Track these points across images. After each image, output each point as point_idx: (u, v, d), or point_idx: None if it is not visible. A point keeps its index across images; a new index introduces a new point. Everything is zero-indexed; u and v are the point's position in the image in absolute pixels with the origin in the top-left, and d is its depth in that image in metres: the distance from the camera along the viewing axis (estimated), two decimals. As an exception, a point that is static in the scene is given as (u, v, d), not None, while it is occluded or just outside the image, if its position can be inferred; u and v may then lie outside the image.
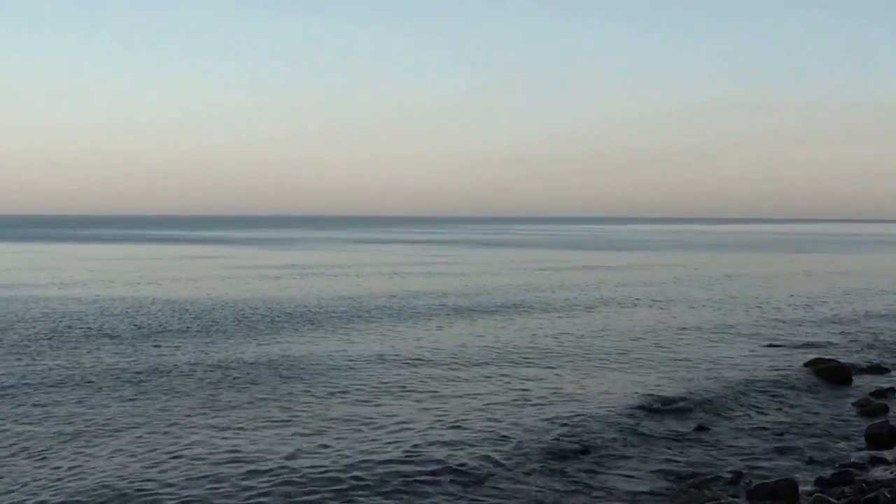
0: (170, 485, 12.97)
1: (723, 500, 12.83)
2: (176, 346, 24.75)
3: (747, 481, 13.65)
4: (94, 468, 13.66)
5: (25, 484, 12.95)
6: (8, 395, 18.42)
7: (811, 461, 14.96)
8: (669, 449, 15.41)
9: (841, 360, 23.33)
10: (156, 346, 24.63)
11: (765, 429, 16.97)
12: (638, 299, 40.18)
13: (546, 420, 16.87)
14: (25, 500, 12.35)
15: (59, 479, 13.17)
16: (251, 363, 22.29)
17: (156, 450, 14.63)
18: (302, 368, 21.71)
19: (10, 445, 14.81)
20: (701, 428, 16.80)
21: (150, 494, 12.60)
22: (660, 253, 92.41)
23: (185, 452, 14.49)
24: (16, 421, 16.33)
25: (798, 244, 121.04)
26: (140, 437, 15.44)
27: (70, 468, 13.69)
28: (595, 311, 35.37)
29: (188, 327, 28.62)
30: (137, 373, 20.83)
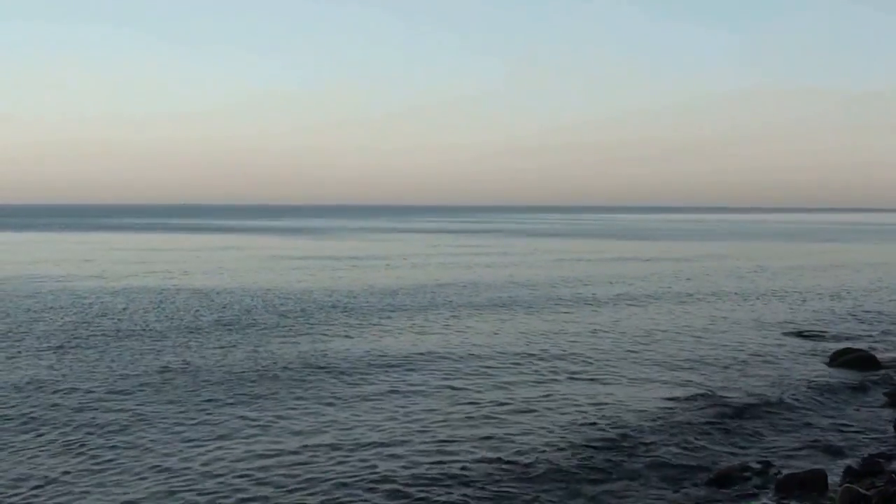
0: (213, 476, 13.20)
1: (752, 491, 12.90)
2: (224, 339, 24.91)
3: (776, 472, 13.71)
4: (136, 460, 13.93)
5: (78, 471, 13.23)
6: (45, 386, 18.67)
7: (840, 452, 14.98)
8: (699, 439, 15.46)
9: (870, 351, 23.27)
10: (198, 338, 24.79)
11: (793, 419, 16.99)
12: (669, 289, 40.15)
13: (578, 411, 16.99)
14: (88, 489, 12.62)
15: (98, 469, 13.44)
16: (298, 356, 22.42)
17: (192, 446, 14.85)
18: (349, 362, 21.73)
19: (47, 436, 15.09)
20: (730, 418, 16.83)
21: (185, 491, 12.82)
22: (689, 243, 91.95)
23: (223, 445, 14.71)
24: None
25: (827, 234, 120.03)
26: (172, 433, 15.65)
27: (110, 460, 13.96)
28: (626, 302, 35.33)
29: (232, 319, 28.84)
30: (171, 367, 21.04)
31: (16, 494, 12.40)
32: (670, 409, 17.44)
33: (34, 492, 12.52)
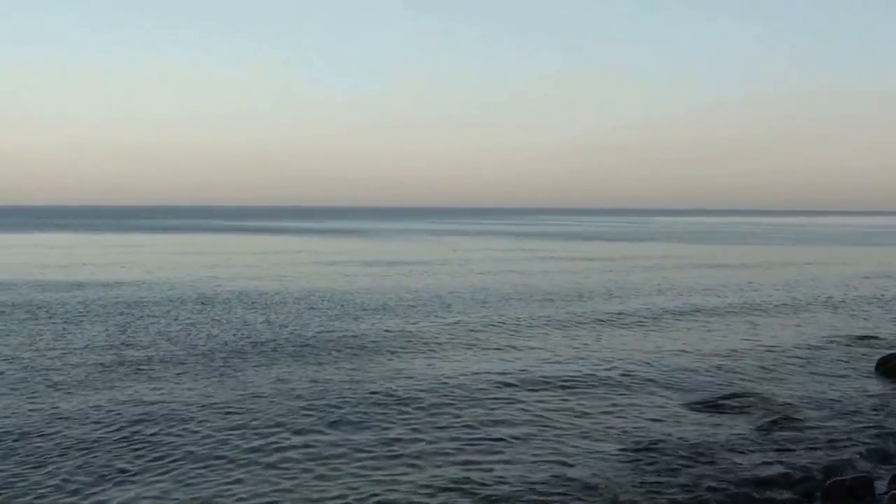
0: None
1: (797, 498, 12.72)
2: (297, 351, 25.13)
3: (822, 479, 13.50)
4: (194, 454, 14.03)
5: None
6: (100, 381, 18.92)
7: (887, 458, 14.75)
8: (741, 446, 15.29)
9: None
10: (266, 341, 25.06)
11: (838, 426, 16.74)
12: (713, 290, 39.86)
13: (608, 415, 16.88)
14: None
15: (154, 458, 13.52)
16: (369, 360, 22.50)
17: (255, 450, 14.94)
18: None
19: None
20: (772, 422, 16.65)
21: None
22: (741, 246, 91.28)
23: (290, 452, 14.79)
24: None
25: (871, 237, 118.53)
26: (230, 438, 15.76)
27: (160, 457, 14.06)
28: (667, 305, 35.17)
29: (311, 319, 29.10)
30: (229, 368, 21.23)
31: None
32: (709, 415, 17.31)
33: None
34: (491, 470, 13.74)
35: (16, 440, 14.92)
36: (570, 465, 14.00)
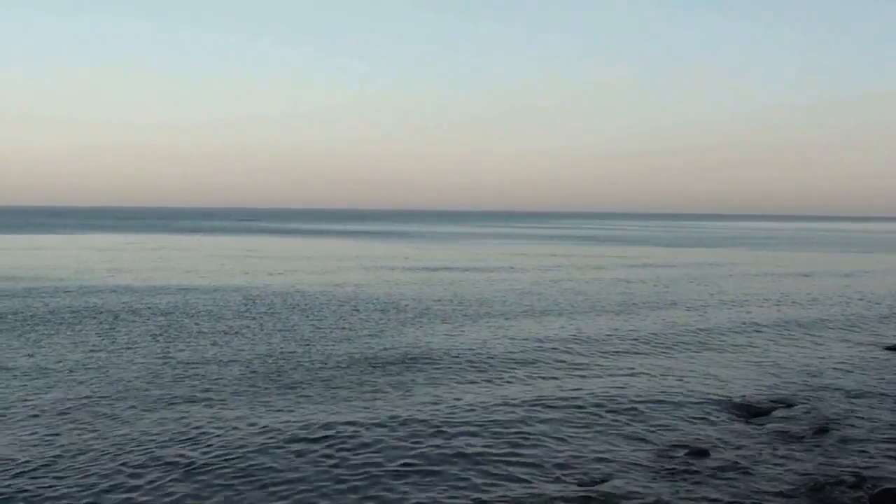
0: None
1: (845, 505, 12.73)
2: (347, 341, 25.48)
3: (870, 486, 13.48)
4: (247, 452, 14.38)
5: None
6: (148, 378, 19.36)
7: (937, 466, 14.64)
8: (787, 451, 15.26)
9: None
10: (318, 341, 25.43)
11: (887, 433, 16.65)
12: (754, 296, 39.59)
13: (658, 422, 16.92)
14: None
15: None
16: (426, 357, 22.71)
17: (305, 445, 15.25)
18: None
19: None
20: (820, 430, 16.59)
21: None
22: (778, 251, 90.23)
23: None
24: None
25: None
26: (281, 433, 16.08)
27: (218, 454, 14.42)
28: (713, 309, 35.03)
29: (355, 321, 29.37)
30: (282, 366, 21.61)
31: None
32: (754, 420, 17.28)
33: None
34: (540, 466, 13.89)
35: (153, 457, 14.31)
36: (613, 472, 14.10)
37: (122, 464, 13.94)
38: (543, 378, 20.74)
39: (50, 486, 12.90)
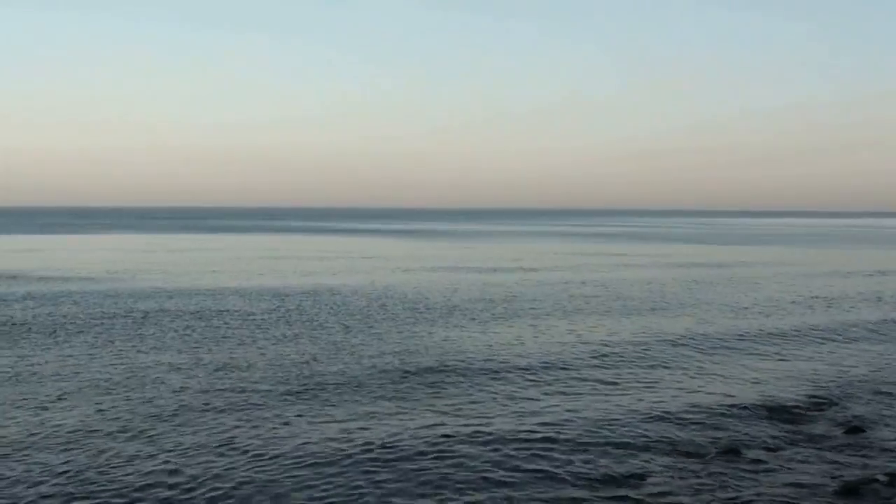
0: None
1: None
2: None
3: (904, 487, 13.42)
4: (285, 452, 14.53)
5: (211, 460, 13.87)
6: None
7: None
8: (820, 451, 15.21)
9: None
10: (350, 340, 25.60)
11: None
12: (786, 295, 39.40)
13: (691, 420, 16.90)
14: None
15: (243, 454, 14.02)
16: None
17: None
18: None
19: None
20: (853, 429, 16.51)
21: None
22: (810, 248, 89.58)
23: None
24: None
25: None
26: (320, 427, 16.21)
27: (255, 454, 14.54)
28: (744, 308, 34.91)
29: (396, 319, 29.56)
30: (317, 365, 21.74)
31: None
32: (786, 419, 17.25)
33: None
34: (572, 464, 13.94)
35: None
36: (645, 472, 14.12)
37: (163, 472, 14.05)
38: (578, 380, 20.72)
39: (83, 494, 13.02)
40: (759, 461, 14.60)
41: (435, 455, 14.46)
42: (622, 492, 13.09)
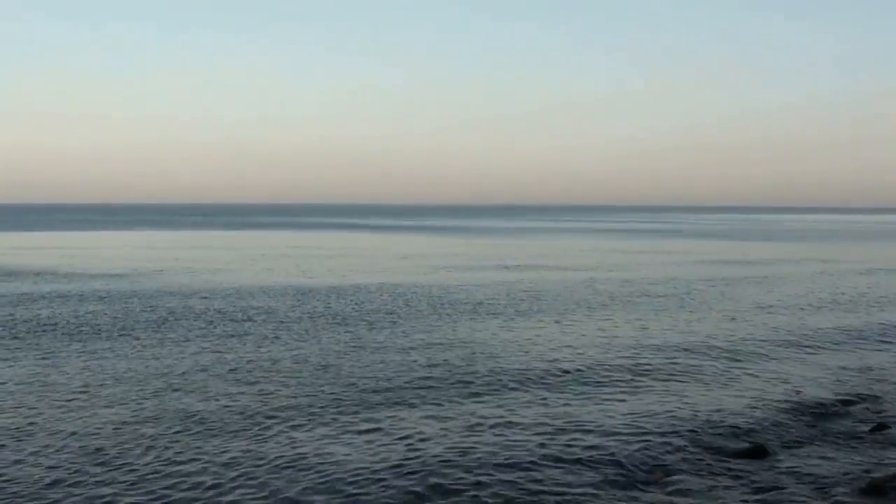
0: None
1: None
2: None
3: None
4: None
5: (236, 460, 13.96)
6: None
7: None
8: (847, 449, 15.16)
9: None
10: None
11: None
12: (818, 293, 39.28)
13: (716, 417, 16.85)
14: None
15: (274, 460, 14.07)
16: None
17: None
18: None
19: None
20: (879, 427, 16.43)
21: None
22: (841, 245, 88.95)
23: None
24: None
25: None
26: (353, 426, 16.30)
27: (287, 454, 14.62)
28: (776, 305, 34.81)
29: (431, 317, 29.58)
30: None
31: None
32: (813, 417, 17.20)
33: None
34: (600, 462, 13.96)
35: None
36: (670, 468, 14.11)
37: (194, 473, 14.11)
38: (606, 378, 20.68)
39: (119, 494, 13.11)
40: (785, 459, 14.54)
41: (465, 460, 14.30)
42: (649, 490, 13.09)
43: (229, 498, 12.59)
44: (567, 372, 20.88)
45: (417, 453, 14.48)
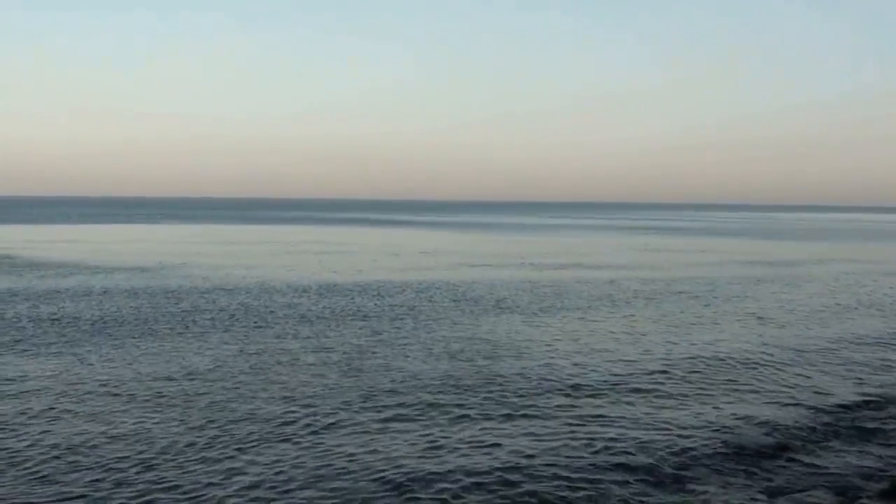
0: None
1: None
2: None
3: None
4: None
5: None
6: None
7: None
8: (871, 449, 15.10)
9: None
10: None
11: None
12: (842, 292, 38.97)
13: (742, 416, 16.84)
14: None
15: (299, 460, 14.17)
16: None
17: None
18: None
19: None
20: (905, 427, 16.38)
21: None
22: (867, 244, 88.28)
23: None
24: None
25: None
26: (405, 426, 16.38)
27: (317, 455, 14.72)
28: (796, 308, 34.67)
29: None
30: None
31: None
32: (848, 415, 17.16)
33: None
34: (626, 466, 13.97)
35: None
36: (692, 465, 14.12)
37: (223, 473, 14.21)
38: (638, 382, 20.65)
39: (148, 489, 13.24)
40: (809, 458, 14.51)
41: (494, 467, 14.16)
42: (674, 489, 13.11)
43: (257, 494, 12.74)
44: (594, 372, 20.83)
45: (454, 458, 14.49)
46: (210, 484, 12.96)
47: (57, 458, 13.93)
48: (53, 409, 16.75)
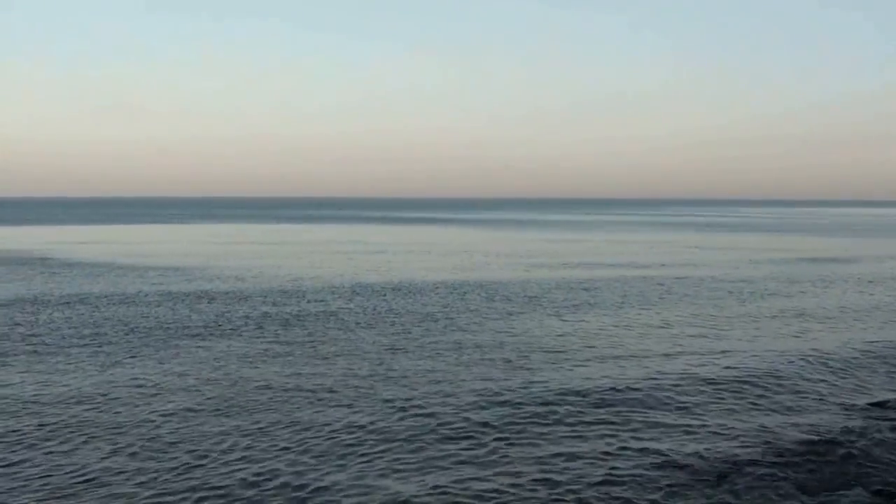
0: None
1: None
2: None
3: None
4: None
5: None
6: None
7: None
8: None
9: None
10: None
11: None
12: (885, 290, 38.45)
13: (783, 414, 16.73)
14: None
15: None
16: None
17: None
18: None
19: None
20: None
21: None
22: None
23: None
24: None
25: None
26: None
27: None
28: (837, 305, 34.27)
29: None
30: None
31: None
32: (883, 412, 17.01)
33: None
34: (663, 465, 13.84)
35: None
36: (731, 464, 13.97)
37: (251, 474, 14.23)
38: (680, 383, 20.48)
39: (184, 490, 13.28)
40: (853, 453, 14.39)
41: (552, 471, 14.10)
42: (717, 491, 12.99)
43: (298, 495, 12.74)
44: (634, 374, 20.58)
45: (498, 470, 14.43)
46: (251, 484, 13.03)
47: (99, 462, 14.02)
48: (92, 412, 16.87)
